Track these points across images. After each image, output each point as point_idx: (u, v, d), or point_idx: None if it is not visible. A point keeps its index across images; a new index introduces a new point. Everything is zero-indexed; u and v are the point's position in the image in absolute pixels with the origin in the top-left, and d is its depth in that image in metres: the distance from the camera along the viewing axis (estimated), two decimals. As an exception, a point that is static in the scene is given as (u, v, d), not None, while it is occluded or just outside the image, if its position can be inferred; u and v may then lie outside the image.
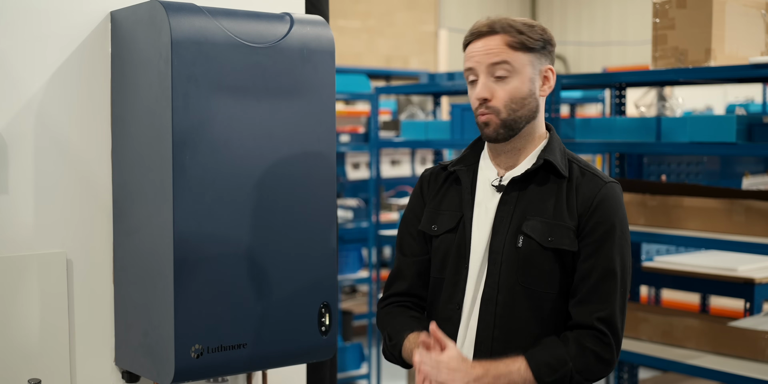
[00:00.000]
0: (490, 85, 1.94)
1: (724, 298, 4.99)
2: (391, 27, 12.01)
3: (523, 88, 1.94)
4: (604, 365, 1.91)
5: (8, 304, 2.21)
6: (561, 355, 1.89)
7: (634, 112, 5.23)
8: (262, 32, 2.26)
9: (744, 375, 3.25)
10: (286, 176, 2.31)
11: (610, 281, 1.92)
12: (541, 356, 1.89)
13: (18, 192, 2.24)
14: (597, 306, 1.91)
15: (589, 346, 1.90)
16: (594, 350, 1.90)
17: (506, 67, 1.93)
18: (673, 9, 3.54)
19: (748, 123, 3.35)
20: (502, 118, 1.94)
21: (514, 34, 1.93)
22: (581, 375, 1.90)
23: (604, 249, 1.93)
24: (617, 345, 1.92)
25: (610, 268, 1.92)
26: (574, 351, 1.89)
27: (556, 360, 1.88)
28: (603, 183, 1.97)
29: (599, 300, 1.91)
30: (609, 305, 1.91)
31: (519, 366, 1.88)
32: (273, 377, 2.63)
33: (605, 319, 1.91)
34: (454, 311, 2.00)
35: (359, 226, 6.07)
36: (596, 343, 1.90)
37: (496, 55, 1.93)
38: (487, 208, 2.00)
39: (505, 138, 1.97)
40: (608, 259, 1.92)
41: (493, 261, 1.96)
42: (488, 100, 1.94)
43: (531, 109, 1.97)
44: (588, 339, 1.90)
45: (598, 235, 1.93)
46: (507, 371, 1.87)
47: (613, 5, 12.85)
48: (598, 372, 1.92)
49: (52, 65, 2.27)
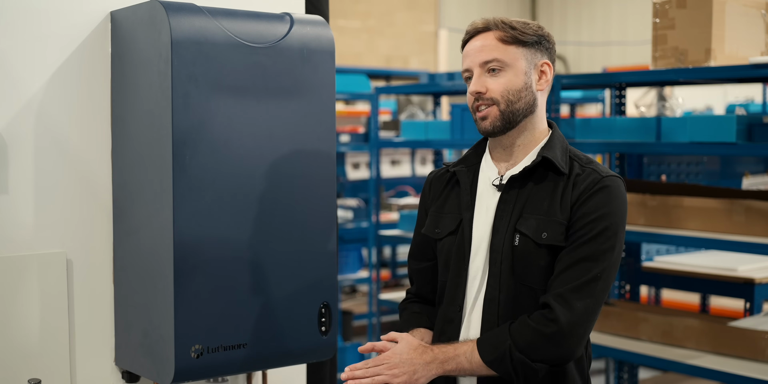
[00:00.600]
0: (484, 79, 1.95)
1: (724, 298, 4.99)
2: (391, 27, 12.02)
3: (517, 81, 1.95)
4: (547, 341, 1.84)
5: (8, 304, 2.21)
6: (502, 332, 1.87)
7: (634, 112, 5.23)
8: (262, 32, 2.26)
9: (744, 375, 3.25)
10: (286, 176, 2.31)
11: (583, 265, 1.86)
12: (487, 336, 1.89)
13: (18, 192, 2.24)
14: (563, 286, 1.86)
15: (530, 322, 1.85)
16: (533, 325, 1.85)
17: (497, 64, 1.94)
18: (673, 9, 3.54)
19: (748, 123, 3.35)
20: (501, 110, 1.94)
21: (507, 30, 1.95)
22: (523, 353, 1.84)
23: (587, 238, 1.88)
24: (568, 321, 1.83)
25: (588, 254, 1.87)
26: (515, 327, 1.87)
27: (497, 337, 1.87)
28: (600, 177, 1.94)
29: (562, 281, 1.87)
30: (569, 284, 1.85)
31: (466, 349, 1.88)
32: (273, 377, 2.63)
33: (558, 294, 1.85)
34: (455, 313, 2.00)
35: (359, 226, 6.07)
36: (539, 319, 1.85)
37: (489, 52, 1.94)
38: (487, 207, 2.00)
39: (502, 131, 1.96)
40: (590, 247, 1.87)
41: (494, 261, 1.96)
42: (482, 93, 1.95)
43: (528, 102, 1.96)
44: (534, 316, 1.87)
45: (583, 224, 1.89)
46: (454, 354, 1.87)
47: (613, 5, 12.85)
48: (543, 349, 1.84)
49: (52, 65, 2.27)
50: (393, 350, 1.90)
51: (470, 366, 1.87)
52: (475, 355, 1.87)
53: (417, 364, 1.87)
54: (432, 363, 1.87)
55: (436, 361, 1.87)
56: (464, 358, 1.87)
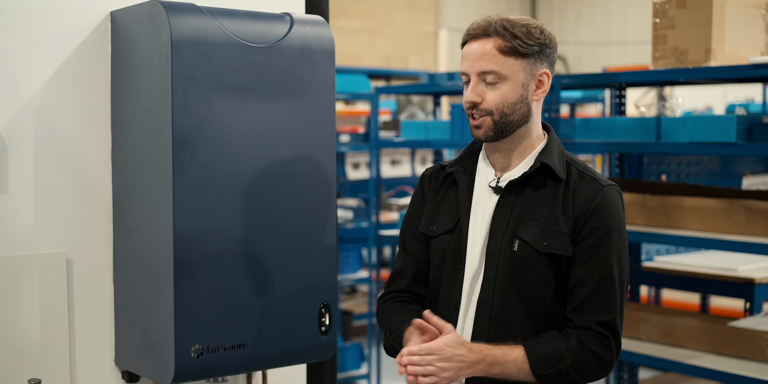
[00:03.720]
0: (480, 89, 1.93)
1: (724, 298, 4.99)
2: (391, 27, 12.01)
3: (514, 94, 1.92)
4: (602, 367, 1.91)
5: (8, 304, 2.21)
6: (560, 350, 1.88)
7: (634, 112, 5.23)
8: (262, 32, 2.26)
9: (744, 375, 3.25)
10: (286, 176, 2.31)
11: (608, 287, 1.92)
12: (540, 349, 1.89)
13: (18, 192, 2.24)
14: (598, 312, 1.91)
15: (590, 346, 1.89)
16: (594, 350, 1.89)
17: (494, 77, 1.91)
18: (673, 9, 3.54)
19: (748, 123, 3.35)
20: (495, 120, 1.93)
21: (508, 39, 1.90)
22: (577, 373, 1.89)
23: (600, 254, 1.92)
24: (617, 349, 1.92)
25: (608, 274, 1.92)
26: (574, 347, 1.89)
27: (555, 354, 1.88)
28: (600, 186, 1.95)
29: (599, 306, 1.91)
30: (610, 311, 1.91)
31: (516, 356, 1.88)
32: (273, 377, 2.63)
33: (607, 323, 1.91)
34: (451, 312, 2.00)
35: (359, 226, 6.06)
36: (598, 344, 1.90)
37: (486, 63, 1.91)
38: (483, 209, 2.00)
39: (494, 139, 1.96)
40: (606, 264, 1.92)
41: (489, 264, 1.96)
42: (478, 103, 1.93)
43: (522, 113, 1.95)
44: (590, 338, 1.90)
45: (594, 239, 1.92)
46: (504, 360, 1.87)
47: (613, 5, 12.85)
48: (596, 372, 1.91)
49: (52, 65, 2.27)
50: (445, 342, 1.86)
51: (517, 374, 1.88)
52: (526, 365, 1.87)
53: (465, 362, 1.85)
54: (479, 364, 1.86)
55: (484, 363, 1.87)
56: (513, 366, 1.88)
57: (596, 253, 1.91)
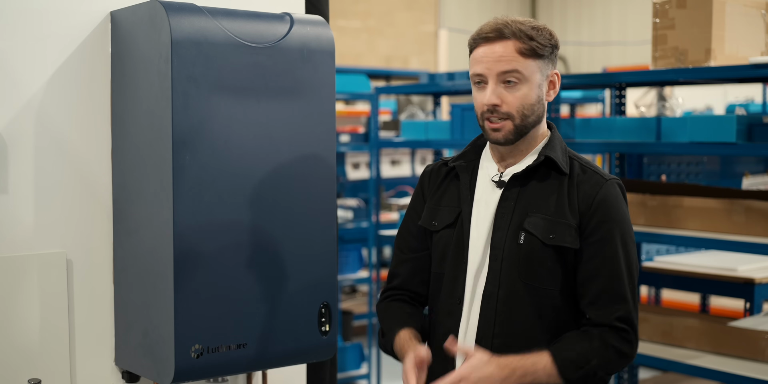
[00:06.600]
0: (500, 91, 1.93)
1: (724, 298, 4.99)
2: (391, 27, 12.01)
3: (532, 95, 1.94)
4: (624, 359, 1.95)
5: (8, 304, 2.21)
6: (585, 352, 1.91)
7: (634, 112, 5.23)
8: (262, 32, 2.26)
9: (744, 375, 3.25)
10: (286, 176, 2.31)
11: (619, 280, 1.94)
12: (566, 353, 1.91)
13: (18, 192, 2.24)
14: (614, 306, 1.93)
15: (612, 343, 1.92)
16: (617, 347, 1.93)
17: (517, 76, 1.92)
18: (673, 9, 3.54)
19: (748, 123, 3.35)
20: (516, 124, 1.95)
21: (525, 41, 1.92)
22: (603, 370, 1.93)
23: (609, 248, 1.94)
24: (636, 340, 1.97)
25: (618, 267, 1.94)
26: (597, 347, 1.92)
27: (581, 357, 1.91)
28: (604, 180, 1.98)
29: (614, 300, 1.93)
30: (625, 304, 1.94)
31: (545, 363, 1.90)
32: (273, 377, 2.63)
33: (624, 317, 1.93)
34: (455, 306, 2.01)
35: (359, 226, 6.06)
36: (619, 340, 1.93)
37: (508, 63, 1.91)
38: (487, 203, 2.01)
39: (513, 142, 1.98)
40: (614, 258, 1.94)
41: (494, 257, 1.97)
42: (498, 106, 1.94)
43: (539, 114, 1.98)
44: (611, 336, 1.93)
45: (601, 233, 1.94)
46: (533, 369, 1.90)
47: (613, 5, 12.85)
48: (619, 366, 1.96)
49: (52, 65, 2.27)
50: (470, 366, 1.87)
51: (548, 379, 1.91)
52: (555, 371, 1.90)
53: (497, 379, 1.87)
54: (510, 378, 1.88)
55: (515, 376, 1.89)
56: (543, 373, 1.90)
57: (604, 246, 1.94)
